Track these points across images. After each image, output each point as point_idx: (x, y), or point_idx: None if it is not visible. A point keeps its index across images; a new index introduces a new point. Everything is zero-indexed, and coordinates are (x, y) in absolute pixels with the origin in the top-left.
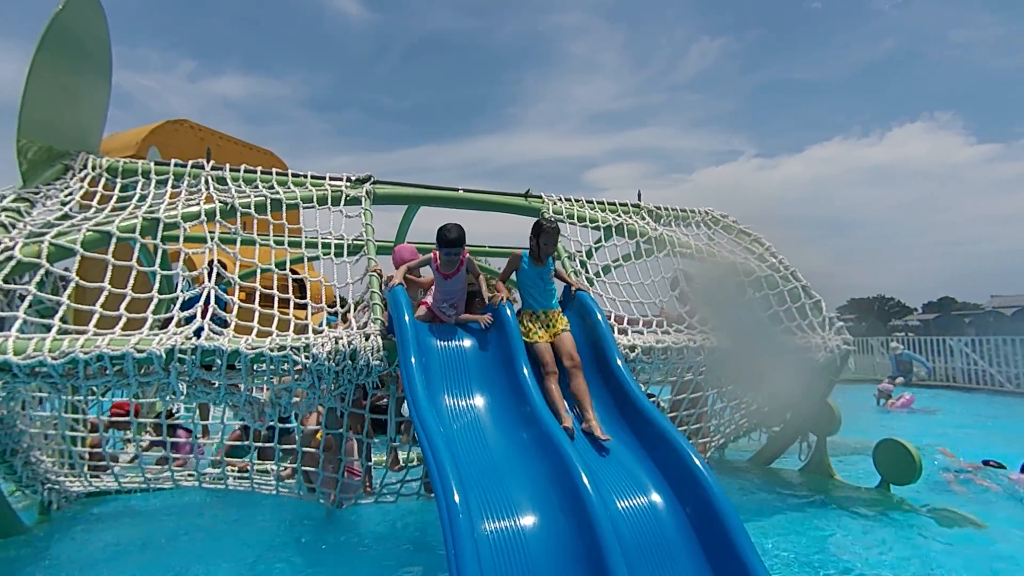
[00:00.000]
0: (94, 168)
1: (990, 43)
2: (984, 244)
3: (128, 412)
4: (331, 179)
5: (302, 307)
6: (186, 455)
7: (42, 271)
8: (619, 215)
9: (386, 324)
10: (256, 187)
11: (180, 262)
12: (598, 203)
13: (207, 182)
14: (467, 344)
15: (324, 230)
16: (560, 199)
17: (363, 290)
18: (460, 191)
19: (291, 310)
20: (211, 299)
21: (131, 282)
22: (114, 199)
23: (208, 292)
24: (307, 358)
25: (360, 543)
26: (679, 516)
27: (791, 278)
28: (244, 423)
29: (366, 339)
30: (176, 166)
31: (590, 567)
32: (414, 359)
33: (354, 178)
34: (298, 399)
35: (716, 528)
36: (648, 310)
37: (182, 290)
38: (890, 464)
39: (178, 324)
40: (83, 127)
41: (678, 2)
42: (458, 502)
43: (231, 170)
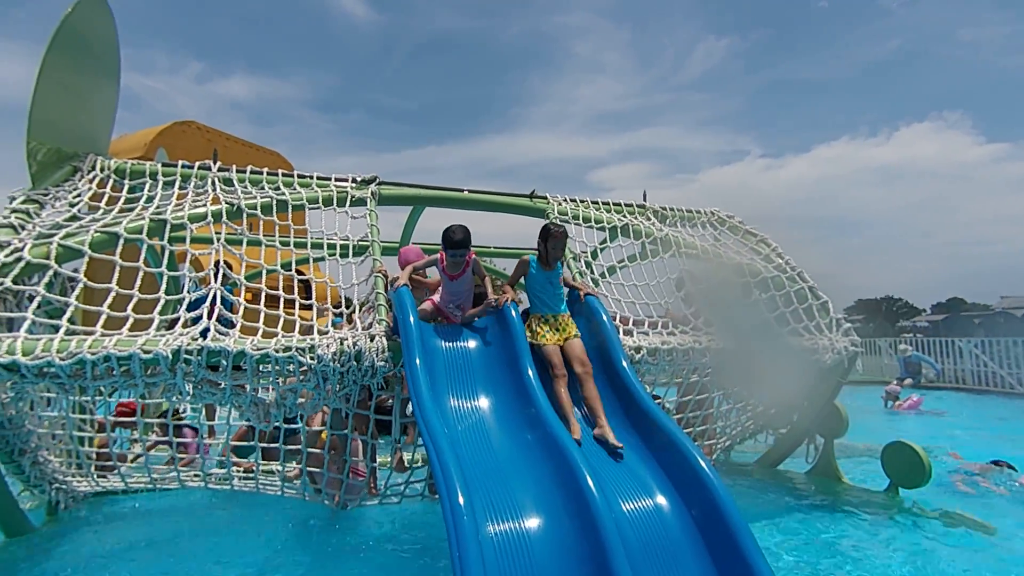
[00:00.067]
0: (102, 170)
1: (999, 42)
2: (993, 244)
3: (132, 411)
4: (336, 180)
5: (308, 308)
6: (192, 455)
7: (51, 272)
8: (624, 216)
9: (391, 325)
10: (262, 188)
11: (187, 263)
12: (603, 204)
13: (214, 183)
14: (472, 345)
15: (329, 231)
16: (565, 200)
17: (368, 291)
18: (465, 192)
19: (296, 310)
20: (217, 300)
21: (138, 283)
22: (122, 200)
23: (214, 293)
24: (312, 359)
25: (365, 545)
26: (685, 519)
27: (798, 279)
28: (249, 423)
29: (371, 340)
30: (183, 167)
31: (595, 569)
32: (419, 360)
33: (359, 179)
34: (303, 400)
35: (722, 531)
36: (654, 311)
37: (189, 291)
38: (899, 467)
39: (184, 325)
40: (92, 129)
41: (684, 1)
42: (462, 504)
43: (237, 171)
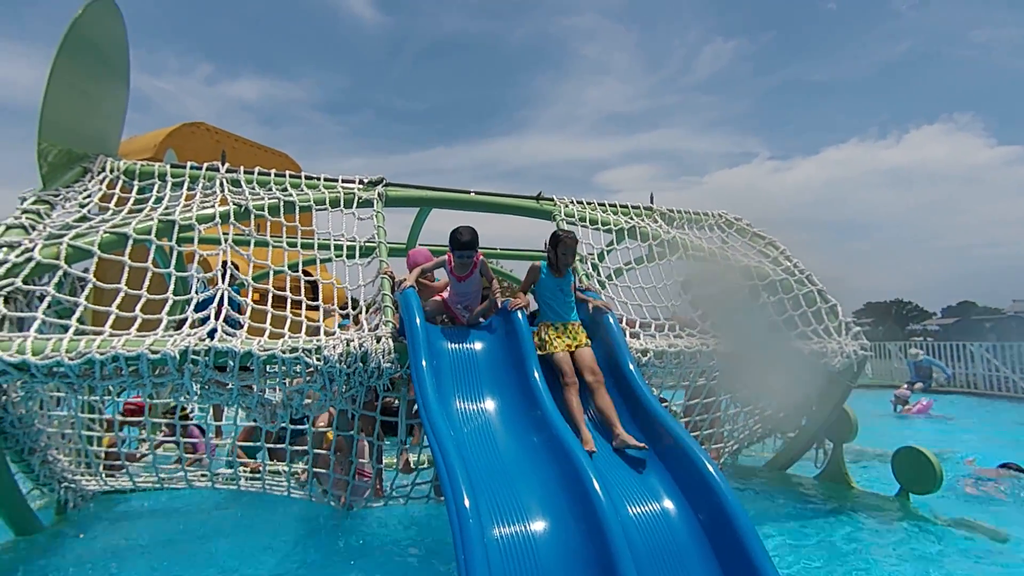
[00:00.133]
0: (112, 171)
1: (1011, 43)
2: (1005, 247)
3: (140, 409)
4: (344, 181)
5: (315, 308)
6: (199, 455)
7: (60, 272)
8: (631, 218)
9: (397, 326)
10: (270, 189)
11: (195, 263)
12: (610, 206)
13: (222, 184)
14: (478, 347)
15: (336, 232)
16: (572, 202)
17: (375, 292)
18: (472, 193)
19: (303, 311)
20: (224, 301)
21: (146, 283)
22: (131, 201)
23: (221, 294)
24: (319, 360)
25: (371, 545)
26: (692, 523)
27: (807, 282)
28: (255, 423)
29: (377, 341)
30: (191, 169)
31: (601, 573)
32: (425, 362)
33: (366, 180)
34: (310, 401)
35: (729, 536)
36: (660, 314)
37: (197, 291)
38: (910, 472)
39: (192, 325)
40: (102, 130)
41: (692, 3)
42: (468, 506)
43: (245, 172)
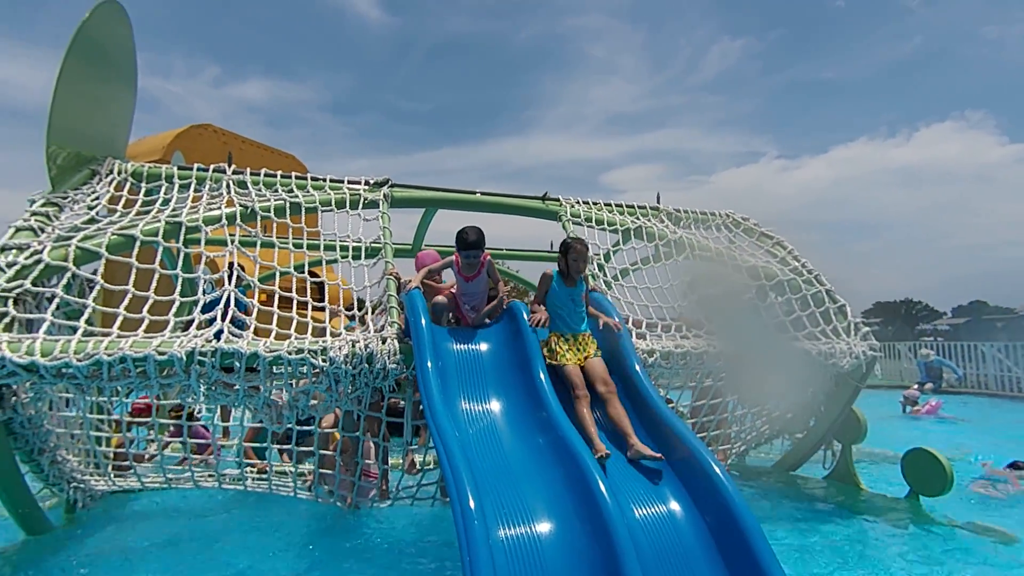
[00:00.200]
0: (120, 173)
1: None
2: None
3: (148, 409)
4: (349, 183)
5: (322, 309)
6: (207, 455)
7: (68, 274)
8: (637, 218)
9: (403, 327)
10: (276, 191)
11: (201, 265)
12: (616, 206)
13: (228, 186)
14: (483, 348)
15: (342, 233)
16: (578, 202)
17: (380, 293)
18: (477, 194)
19: (309, 312)
20: (231, 302)
21: (154, 284)
22: (139, 203)
23: (228, 295)
24: (324, 361)
25: (377, 545)
26: (698, 525)
27: (815, 282)
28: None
29: (383, 342)
30: (198, 170)
31: (606, 574)
32: (430, 363)
33: (372, 181)
34: (316, 402)
35: (736, 538)
36: (667, 314)
37: (204, 291)
38: (919, 474)
39: (199, 327)
40: (110, 133)
41: (699, 2)
42: (473, 508)
43: (251, 174)
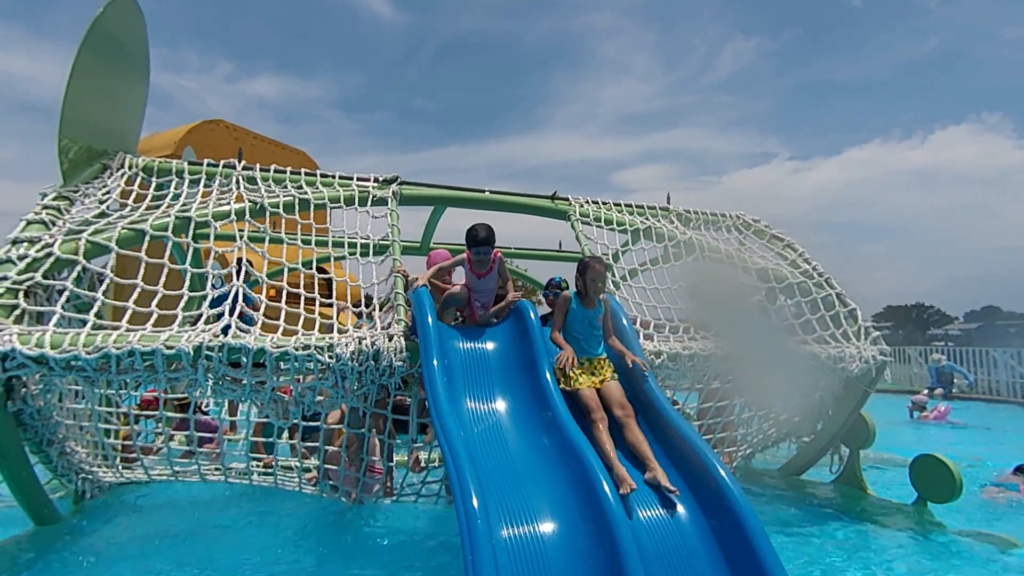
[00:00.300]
0: (131, 168)
1: None
2: None
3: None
4: (359, 179)
5: (330, 305)
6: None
7: (79, 267)
8: (647, 218)
9: (409, 325)
10: (285, 187)
11: (210, 260)
12: (626, 206)
13: (238, 182)
14: (490, 347)
15: (351, 230)
16: (587, 201)
17: (388, 291)
18: (486, 192)
19: (316, 308)
20: (239, 297)
21: (163, 279)
22: (149, 198)
23: (236, 290)
24: (331, 358)
25: (381, 542)
26: (702, 527)
27: (825, 285)
28: (266, 419)
29: (389, 340)
30: (208, 166)
31: (609, 575)
32: (436, 361)
33: (381, 179)
34: (322, 398)
35: (741, 542)
36: (675, 315)
37: (212, 286)
38: (928, 480)
39: (207, 321)
40: (121, 127)
41: (713, 1)
42: (476, 507)
43: (261, 170)
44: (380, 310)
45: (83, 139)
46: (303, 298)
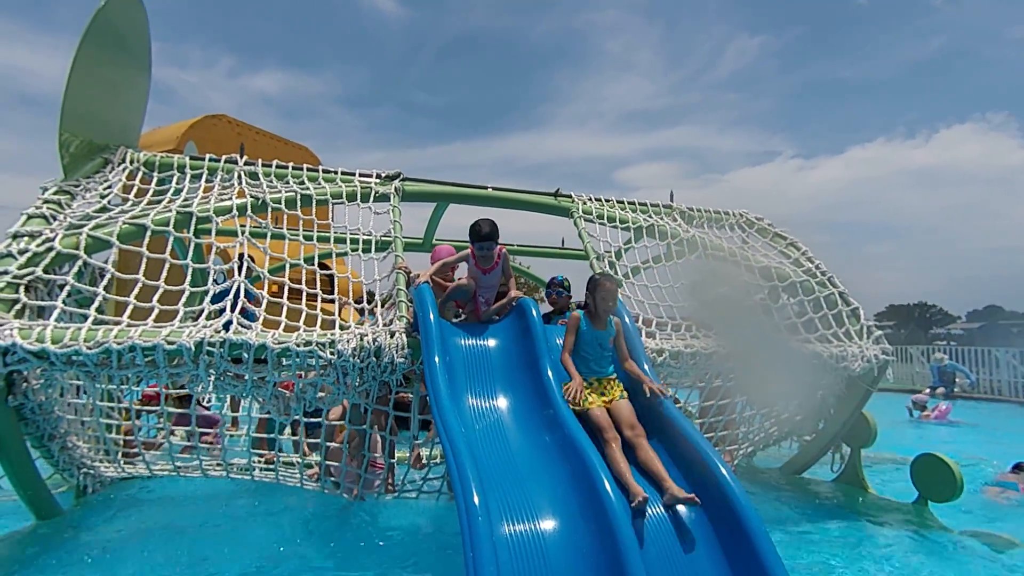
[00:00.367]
0: (132, 162)
1: None
2: None
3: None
4: (361, 175)
5: (332, 302)
6: (212, 443)
7: (80, 262)
8: (650, 216)
9: (411, 322)
10: (287, 182)
11: (212, 255)
12: (629, 203)
13: (240, 177)
14: (491, 344)
15: (353, 226)
16: (590, 199)
17: (390, 287)
18: (489, 189)
19: (319, 304)
20: (240, 293)
21: (164, 274)
22: (150, 193)
23: (237, 286)
24: (332, 354)
25: (383, 538)
26: (703, 526)
27: (828, 284)
28: (268, 415)
29: (391, 336)
30: (210, 161)
31: (610, 574)
32: (438, 358)
33: (383, 175)
34: (323, 394)
35: (742, 540)
36: (677, 313)
37: (215, 281)
38: (929, 479)
39: (208, 317)
40: (123, 122)
41: None
42: (477, 504)
43: (263, 165)
44: (382, 307)
45: (84, 133)
46: (305, 294)
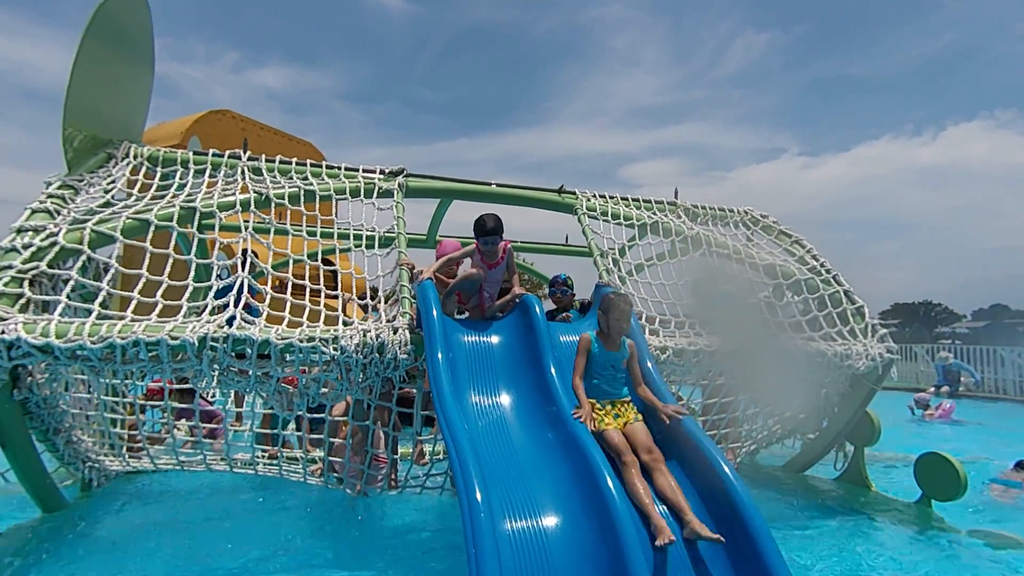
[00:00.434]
0: (136, 157)
1: None
2: None
3: (158, 392)
4: (364, 171)
5: (336, 297)
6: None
7: (83, 257)
8: (654, 213)
9: (414, 318)
10: (291, 178)
11: (215, 250)
12: (633, 200)
13: (243, 172)
14: (494, 341)
15: (356, 222)
16: (594, 195)
17: (394, 283)
18: (493, 185)
19: (322, 300)
20: (244, 288)
21: (167, 269)
22: (154, 188)
23: (241, 281)
24: (336, 350)
25: (385, 534)
26: (706, 524)
27: (833, 282)
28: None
29: (394, 333)
30: (214, 156)
31: (612, 571)
32: (441, 354)
33: (387, 171)
34: (327, 390)
35: (743, 538)
36: (681, 311)
37: (218, 276)
38: (932, 478)
39: (212, 312)
40: (126, 116)
41: None
42: (480, 500)
43: (266, 160)
44: (385, 303)
45: (88, 128)
46: (308, 290)
